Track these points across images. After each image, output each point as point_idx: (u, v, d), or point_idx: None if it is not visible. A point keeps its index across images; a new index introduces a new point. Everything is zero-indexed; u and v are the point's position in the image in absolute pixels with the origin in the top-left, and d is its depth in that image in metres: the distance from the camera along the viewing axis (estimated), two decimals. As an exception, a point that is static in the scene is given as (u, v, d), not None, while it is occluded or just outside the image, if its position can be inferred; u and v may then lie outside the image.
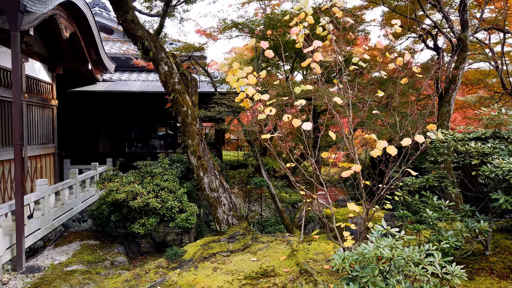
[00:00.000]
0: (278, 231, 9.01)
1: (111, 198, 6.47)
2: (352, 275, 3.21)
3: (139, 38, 6.61)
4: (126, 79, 14.37)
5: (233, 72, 4.78)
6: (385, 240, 3.22)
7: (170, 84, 6.92)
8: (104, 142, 15.65)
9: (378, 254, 3.03)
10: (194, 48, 10.88)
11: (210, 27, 11.09)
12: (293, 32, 4.08)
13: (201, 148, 7.05)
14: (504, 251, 4.96)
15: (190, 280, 5.07)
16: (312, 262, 5.24)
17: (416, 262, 3.08)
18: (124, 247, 7.22)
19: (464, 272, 2.89)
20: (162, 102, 12.03)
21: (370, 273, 3.09)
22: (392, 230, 3.44)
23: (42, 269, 5.87)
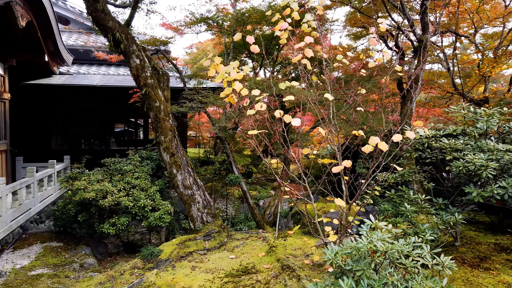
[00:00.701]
0: (248, 228, 9.00)
1: (78, 197, 6.14)
2: (345, 269, 3.26)
3: (110, 29, 6.30)
4: (85, 73, 13.68)
5: (215, 66, 4.71)
6: (377, 234, 3.31)
7: (142, 78, 6.67)
8: (59, 138, 14.82)
9: (373, 248, 3.10)
10: (160, 42, 10.56)
11: (177, 20, 10.82)
12: (282, 27, 4.06)
13: (174, 145, 6.86)
14: (470, 242, 5.28)
15: (169, 280, 4.93)
16: (292, 257, 5.28)
17: (406, 254, 3.19)
18: (90, 248, 6.87)
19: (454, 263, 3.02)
20: (124, 97, 11.62)
21: (364, 266, 3.16)
22: (380, 224, 3.54)
23: (3, 274, 5.44)
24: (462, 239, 5.39)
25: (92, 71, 14.04)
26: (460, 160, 4.48)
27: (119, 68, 14.91)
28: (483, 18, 13.30)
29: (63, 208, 6.76)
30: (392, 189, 5.07)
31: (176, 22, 10.97)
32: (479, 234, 5.66)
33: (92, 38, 14.95)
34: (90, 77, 13.17)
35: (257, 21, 9.79)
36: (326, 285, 3.33)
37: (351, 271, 3.27)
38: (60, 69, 13.32)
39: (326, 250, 3.46)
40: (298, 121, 3.93)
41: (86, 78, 12.94)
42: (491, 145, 4.60)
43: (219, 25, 9.74)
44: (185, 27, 11.30)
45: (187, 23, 10.53)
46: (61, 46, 11.84)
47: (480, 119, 4.90)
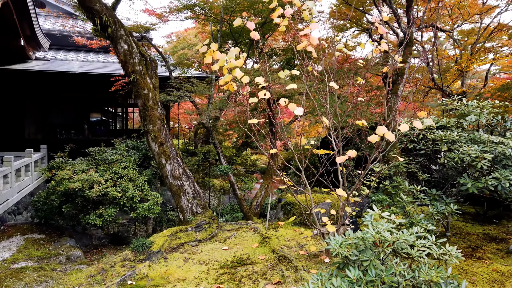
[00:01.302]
0: (235, 219, 8.94)
1: (63, 188, 5.89)
2: (351, 259, 3.25)
3: (97, 12, 6.02)
4: (62, 59, 13.13)
5: (211, 53, 4.59)
6: (382, 224, 3.31)
7: (130, 65, 6.43)
8: (32, 127, 14.22)
9: (381, 238, 3.10)
10: (144, 28, 10.23)
11: (162, 6, 10.51)
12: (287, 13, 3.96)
13: (163, 134, 6.68)
14: (460, 232, 5.40)
15: (162, 272, 4.81)
16: (287, 248, 5.25)
17: (411, 244, 3.20)
18: (75, 240, 6.65)
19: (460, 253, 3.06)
20: (105, 85, 11.24)
21: (370, 256, 3.15)
22: (384, 214, 3.54)
23: (-17, 268, 5.17)
24: (451, 229, 5.51)
25: (70, 57, 13.49)
26: (455, 151, 4.55)
27: (99, 55, 14.41)
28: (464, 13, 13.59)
29: (46, 199, 6.48)
30: (385, 180, 5.11)
31: (161, 8, 10.64)
32: (467, 225, 5.81)
33: (70, 23, 14.35)
34: (68, 63, 12.66)
35: (244, 9, 9.61)
36: (330, 275, 3.31)
37: (357, 261, 3.27)
38: (36, 54, 12.73)
39: (329, 240, 3.44)
40: (301, 111, 3.87)
41: (64, 64, 12.42)
42: (484, 137, 4.69)
43: (206, 13, 9.52)
44: (169, 14, 11.00)
45: (172, 10, 10.24)
46: (38, 30, 11.30)
47: (473, 111, 4.99)
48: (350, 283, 3.06)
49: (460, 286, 2.89)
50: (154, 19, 11.21)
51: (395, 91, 9.89)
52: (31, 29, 10.91)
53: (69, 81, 12.19)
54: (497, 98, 11.43)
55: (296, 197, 4.79)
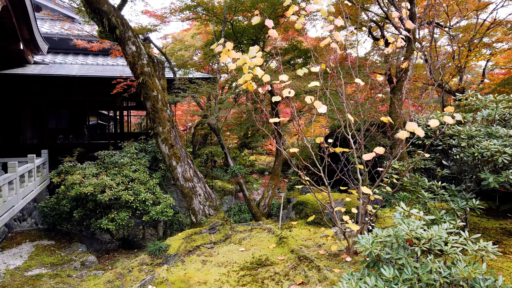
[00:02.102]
0: (244, 220, 8.88)
1: (74, 192, 5.80)
2: (385, 258, 3.21)
3: (105, 14, 5.92)
4: (61, 62, 12.98)
5: (226, 52, 4.54)
6: (414, 221, 3.27)
7: (138, 66, 6.35)
8: (30, 131, 14.04)
9: (416, 235, 3.06)
10: (146, 30, 10.14)
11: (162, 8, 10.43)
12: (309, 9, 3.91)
13: (172, 136, 6.61)
14: (478, 227, 5.40)
15: (181, 276, 4.75)
16: (305, 248, 5.21)
17: (444, 241, 3.17)
18: (85, 245, 6.55)
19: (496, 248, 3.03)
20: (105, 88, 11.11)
21: (405, 254, 3.11)
22: (413, 211, 3.51)
23: (-3, 277, 5.07)
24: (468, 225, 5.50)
25: (68, 60, 13.34)
26: (475, 146, 4.54)
27: (97, 58, 14.27)
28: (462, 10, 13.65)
29: (56, 204, 6.38)
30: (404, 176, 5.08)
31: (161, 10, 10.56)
32: (482, 220, 5.80)
33: (67, 26, 14.18)
34: (67, 67, 12.51)
35: (247, 9, 9.57)
36: (362, 274, 3.27)
37: (390, 260, 3.23)
38: (35, 58, 12.57)
39: (358, 239, 3.40)
40: (325, 108, 3.83)
41: (63, 68, 12.27)
42: (502, 132, 4.68)
43: (208, 13, 9.44)
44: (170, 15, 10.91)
45: (173, 10, 10.16)
46: (37, 34, 11.15)
47: (489, 105, 4.98)
48: (386, 282, 3.02)
49: (497, 281, 2.87)
50: (154, 20, 11.12)
51: (400, 88, 9.90)
52: (30, 33, 10.76)
53: (68, 84, 12.05)
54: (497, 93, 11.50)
55: (317, 197, 4.74)
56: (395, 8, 10.47)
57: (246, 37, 10.48)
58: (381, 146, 3.59)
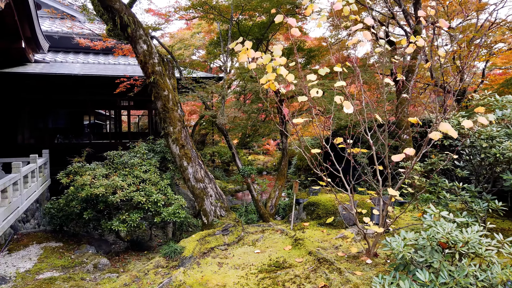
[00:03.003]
0: (250, 221, 8.80)
1: (85, 193, 5.68)
2: (418, 261, 3.16)
3: (117, 12, 5.82)
4: (62, 61, 12.80)
5: (245, 52, 4.47)
6: (446, 224, 3.22)
7: (149, 65, 6.24)
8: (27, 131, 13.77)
9: (453, 238, 3.00)
10: (152, 29, 10.02)
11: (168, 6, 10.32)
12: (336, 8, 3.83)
13: (183, 136, 6.52)
14: (496, 228, 5.36)
15: (199, 278, 4.66)
16: (322, 250, 5.15)
17: (479, 243, 3.12)
18: (94, 247, 6.44)
19: (533, 250, 2.99)
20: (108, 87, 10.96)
21: (439, 257, 3.06)
22: (443, 213, 3.46)
23: (8, 279, 4.95)
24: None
25: (69, 59, 13.17)
26: (496, 146, 4.51)
27: (98, 56, 14.10)
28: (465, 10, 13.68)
29: (65, 205, 6.25)
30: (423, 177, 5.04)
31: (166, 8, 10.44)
32: (497, 220, 5.78)
33: (68, 24, 13.99)
34: (68, 65, 12.34)
35: (253, 8, 9.49)
36: (393, 278, 3.21)
37: (423, 263, 3.17)
38: (35, 56, 12.38)
39: (391, 242, 3.34)
40: (352, 109, 3.77)
41: (65, 66, 12.10)
42: (523, 133, 4.65)
43: (215, 11, 9.35)
44: (174, 14, 10.80)
45: (177, 9, 10.05)
46: (38, 32, 10.97)
47: (508, 105, 4.95)
48: (422, 286, 2.97)
49: (535, 285, 2.82)
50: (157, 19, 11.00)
51: (406, 88, 9.88)
52: (32, 31, 10.58)
53: (70, 83, 11.86)
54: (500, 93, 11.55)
55: (338, 198, 4.68)
56: (400, 7, 10.45)
57: (250, 36, 10.40)
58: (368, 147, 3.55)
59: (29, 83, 11.85)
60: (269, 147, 27.88)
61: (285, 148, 9.84)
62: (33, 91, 12.20)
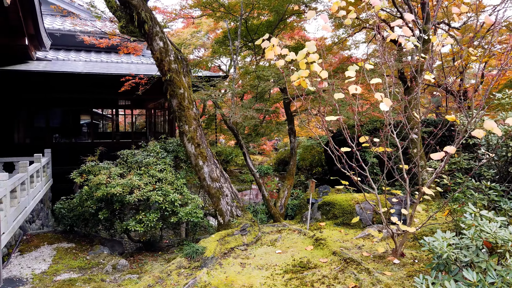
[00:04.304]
0: (260, 221, 8.73)
1: (101, 193, 5.56)
2: (463, 261, 3.11)
3: (134, 8, 5.70)
4: (64, 59, 12.60)
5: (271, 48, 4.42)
6: (489, 223, 3.18)
7: (165, 63, 6.14)
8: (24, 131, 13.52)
9: (500, 237, 2.96)
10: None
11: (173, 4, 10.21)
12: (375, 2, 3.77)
13: (198, 135, 6.42)
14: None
15: (223, 279, 4.58)
16: (346, 250, 5.09)
17: (523, 242, 3.09)
18: (108, 248, 6.31)
19: None
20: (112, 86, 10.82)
21: (486, 257, 3.02)
22: (483, 212, 3.42)
23: (25, 281, 4.82)
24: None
25: (72, 57, 12.97)
26: (524, 146, 4.49)
27: (101, 55, 13.92)
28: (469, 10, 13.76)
29: (79, 205, 6.13)
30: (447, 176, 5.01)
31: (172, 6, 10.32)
32: (516, 220, 5.78)
33: (69, 21, 13.80)
34: (71, 63, 12.15)
35: (263, 6, 9.42)
36: (435, 278, 3.17)
37: (468, 263, 3.13)
38: (37, 54, 12.16)
39: (433, 241, 3.29)
40: (387, 107, 3.72)
41: (67, 64, 11.91)
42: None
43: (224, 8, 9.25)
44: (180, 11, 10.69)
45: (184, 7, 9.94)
46: (42, 29, 10.78)
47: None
48: (468, 286, 2.92)
49: None
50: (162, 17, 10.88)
51: (414, 87, 9.89)
52: (36, 28, 10.39)
53: (72, 82, 11.66)
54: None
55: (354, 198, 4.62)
56: (409, 8, 10.46)
57: (258, 35, 10.33)
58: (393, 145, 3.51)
59: (31, 80, 11.63)
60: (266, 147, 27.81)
61: (294, 148, 9.78)
62: (33, 90, 11.95)
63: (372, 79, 3.72)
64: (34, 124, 15.32)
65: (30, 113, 14.63)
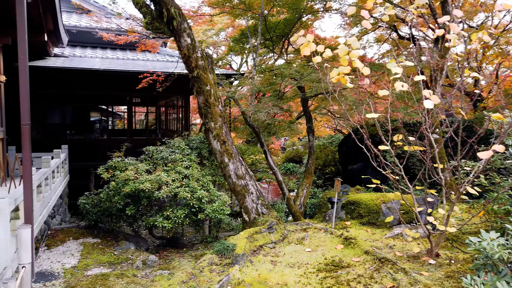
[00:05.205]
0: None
1: (129, 189, 5.57)
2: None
3: (164, 4, 5.69)
4: (81, 55, 12.63)
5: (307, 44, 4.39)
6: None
7: (193, 59, 6.13)
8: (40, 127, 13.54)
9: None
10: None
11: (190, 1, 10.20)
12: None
13: (224, 132, 6.41)
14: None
15: (256, 277, 4.56)
16: (377, 249, 5.06)
17: None
18: (133, 244, 6.32)
19: None
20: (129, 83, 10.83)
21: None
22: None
23: (57, 276, 4.83)
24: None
25: (88, 53, 13.00)
26: None
27: (116, 52, 13.94)
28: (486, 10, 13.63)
29: (107, 201, 6.14)
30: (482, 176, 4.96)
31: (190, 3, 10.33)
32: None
33: (85, 19, 13.83)
34: (88, 60, 12.18)
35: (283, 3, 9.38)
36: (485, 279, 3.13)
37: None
38: (54, 50, 12.19)
39: (472, 241, 3.25)
40: (432, 104, 3.68)
41: (84, 61, 11.94)
42: None
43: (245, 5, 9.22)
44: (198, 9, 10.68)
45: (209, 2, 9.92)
46: (61, 25, 10.78)
47: None
48: (523, 287, 2.89)
49: None
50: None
51: (435, 86, 9.81)
52: (55, 24, 10.39)
53: (88, 78, 11.67)
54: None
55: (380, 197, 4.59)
56: (430, 7, 10.37)
57: (275, 32, 10.30)
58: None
59: (47, 77, 11.65)
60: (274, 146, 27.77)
61: (312, 147, 9.74)
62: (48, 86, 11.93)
63: (395, 81, 3.66)
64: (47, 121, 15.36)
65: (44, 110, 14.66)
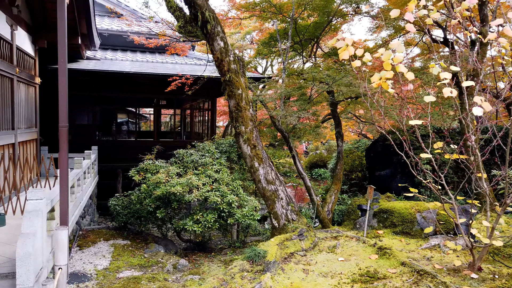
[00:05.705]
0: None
1: (160, 191, 5.58)
2: None
3: (199, 8, 5.70)
4: (112, 58, 12.89)
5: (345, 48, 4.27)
6: None
7: (225, 63, 6.11)
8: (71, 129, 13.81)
9: None
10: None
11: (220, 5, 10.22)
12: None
13: (254, 136, 6.35)
14: None
15: (288, 285, 4.46)
16: (414, 261, 4.86)
17: None
18: (162, 247, 6.33)
19: None
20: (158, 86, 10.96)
21: None
22: None
23: (90, 277, 4.87)
24: None
25: (119, 56, 13.26)
26: None
27: (146, 55, 14.16)
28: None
29: (138, 203, 6.18)
30: None
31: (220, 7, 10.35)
32: None
33: (116, 22, 14.13)
34: (118, 63, 12.40)
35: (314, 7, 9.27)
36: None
37: None
38: (87, 53, 12.50)
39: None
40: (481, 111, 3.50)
41: (115, 64, 12.16)
42: None
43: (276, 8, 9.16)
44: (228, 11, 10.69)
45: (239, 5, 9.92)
46: (94, 29, 11.03)
47: None
48: None
49: None
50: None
51: (471, 92, 9.46)
52: (89, 27, 10.64)
53: (117, 81, 11.89)
54: None
55: (415, 206, 4.39)
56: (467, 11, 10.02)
57: (304, 36, 10.19)
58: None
59: (78, 79, 11.91)
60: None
61: (341, 152, 9.56)
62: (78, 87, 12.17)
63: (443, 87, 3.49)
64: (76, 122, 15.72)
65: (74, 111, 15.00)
